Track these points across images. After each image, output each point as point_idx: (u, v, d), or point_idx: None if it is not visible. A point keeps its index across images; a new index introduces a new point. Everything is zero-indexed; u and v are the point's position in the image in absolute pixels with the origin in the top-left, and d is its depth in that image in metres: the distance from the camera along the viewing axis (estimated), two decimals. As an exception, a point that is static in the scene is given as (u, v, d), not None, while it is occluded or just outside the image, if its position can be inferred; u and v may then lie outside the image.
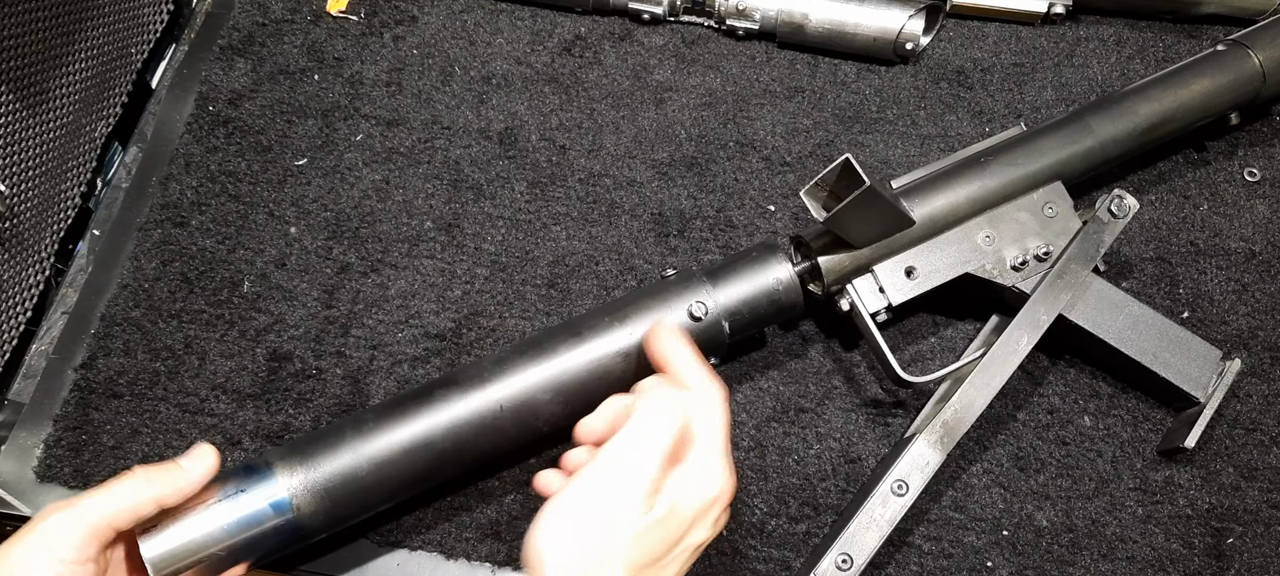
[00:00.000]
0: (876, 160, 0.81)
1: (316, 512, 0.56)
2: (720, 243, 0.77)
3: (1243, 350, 0.72)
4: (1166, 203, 0.79)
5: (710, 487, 0.51)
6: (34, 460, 0.67)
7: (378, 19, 0.89)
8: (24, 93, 0.70)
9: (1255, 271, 0.75)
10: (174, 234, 0.76)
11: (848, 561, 0.59)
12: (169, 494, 0.52)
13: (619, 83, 0.85)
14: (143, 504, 0.51)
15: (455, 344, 0.72)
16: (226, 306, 0.73)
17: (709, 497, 0.51)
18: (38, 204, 0.73)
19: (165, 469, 0.52)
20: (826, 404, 0.70)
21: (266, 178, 0.79)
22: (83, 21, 0.76)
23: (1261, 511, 0.66)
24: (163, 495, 0.51)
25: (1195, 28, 0.90)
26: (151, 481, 0.51)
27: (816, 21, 0.84)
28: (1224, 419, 0.69)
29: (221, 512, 0.54)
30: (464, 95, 0.85)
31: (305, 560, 0.63)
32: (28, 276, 0.72)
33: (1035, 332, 0.65)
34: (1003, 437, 0.68)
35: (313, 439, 0.57)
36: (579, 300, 0.74)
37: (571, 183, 0.80)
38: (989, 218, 0.68)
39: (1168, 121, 0.74)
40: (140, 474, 0.51)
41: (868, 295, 0.66)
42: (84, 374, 0.70)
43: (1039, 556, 0.64)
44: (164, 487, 0.51)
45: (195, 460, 0.53)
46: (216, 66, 0.86)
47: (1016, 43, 0.88)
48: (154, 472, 0.52)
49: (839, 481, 0.67)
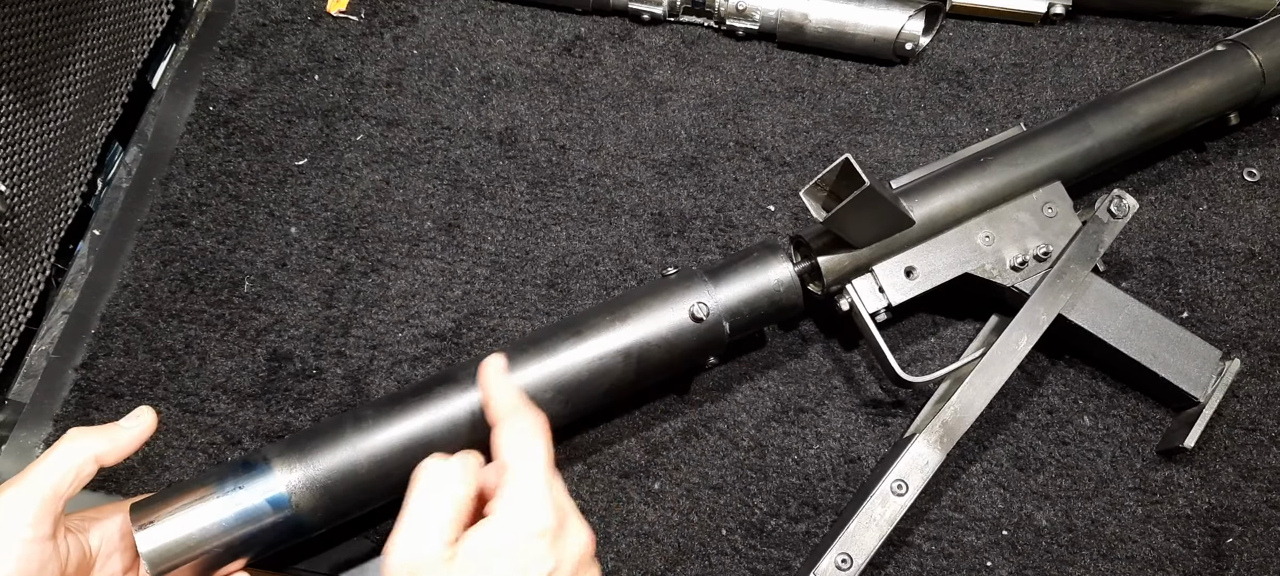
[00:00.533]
0: (876, 160, 0.81)
1: (315, 509, 0.56)
2: (720, 243, 0.77)
3: (1242, 350, 0.72)
4: (1166, 203, 0.79)
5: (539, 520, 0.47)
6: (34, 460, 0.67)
7: (378, 19, 0.89)
8: (24, 93, 0.70)
9: (1255, 271, 0.76)
10: (174, 234, 0.76)
11: (847, 561, 0.59)
12: (106, 450, 0.52)
13: (619, 83, 0.86)
14: (83, 463, 0.51)
15: (455, 344, 0.72)
16: (227, 306, 0.73)
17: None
18: (38, 204, 0.73)
19: (103, 429, 0.53)
20: (826, 404, 0.70)
21: (267, 178, 0.79)
22: (83, 21, 0.76)
23: (1261, 511, 0.66)
24: (100, 452, 0.52)
25: (1195, 28, 0.90)
26: (87, 438, 0.52)
27: (816, 22, 0.84)
28: (1223, 419, 0.69)
29: (219, 507, 0.53)
30: (464, 95, 0.85)
31: (302, 558, 0.63)
32: (28, 276, 0.73)
33: (1035, 332, 0.65)
34: (1002, 437, 0.68)
35: (311, 435, 0.57)
36: (579, 300, 0.74)
37: (571, 183, 0.80)
38: (989, 218, 0.68)
39: (1167, 122, 0.74)
40: (75, 433, 0.52)
41: (867, 295, 0.66)
42: (84, 374, 0.70)
43: (1039, 556, 0.64)
44: (100, 445, 0.52)
45: (133, 419, 0.54)
46: (217, 66, 0.86)
47: (1016, 43, 0.88)
48: (88, 431, 0.52)
49: (839, 481, 0.67)
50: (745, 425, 0.69)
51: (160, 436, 0.67)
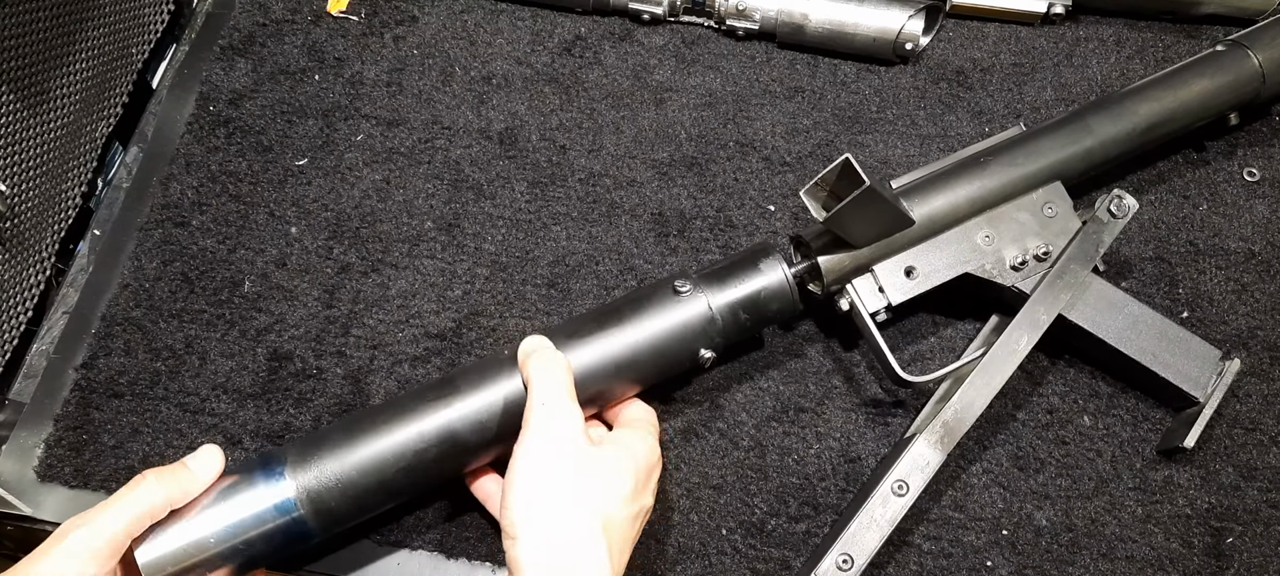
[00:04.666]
0: (876, 160, 0.82)
1: (319, 514, 0.56)
2: (720, 243, 0.77)
3: (1242, 350, 0.72)
4: (1166, 202, 0.79)
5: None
6: (35, 460, 0.67)
7: (378, 19, 0.89)
8: (25, 93, 0.70)
9: (1254, 271, 0.76)
10: (175, 234, 0.76)
11: (849, 561, 0.59)
12: (178, 496, 0.53)
13: (619, 83, 0.86)
14: (156, 509, 0.52)
15: (455, 343, 0.72)
16: (227, 306, 0.73)
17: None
18: (39, 204, 0.73)
19: (174, 472, 0.53)
20: (826, 404, 0.70)
21: (267, 178, 0.79)
22: (83, 21, 0.76)
23: (1261, 511, 0.66)
24: (172, 499, 0.53)
25: (1195, 28, 0.90)
26: (164, 485, 0.52)
27: (816, 22, 0.84)
28: (1223, 418, 0.69)
29: (221, 514, 0.54)
30: (464, 95, 0.85)
31: (307, 560, 0.63)
32: (29, 276, 0.73)
33: (1035, 332, 0.65)
34: (1002, 437, 0.69)
35: (316, 439, 0.57)
36: (579, 300, 0.74)
37: (571, 183, 0.80)
38: (989, 218, 0.68)
39: (1167, 122, 0.74)
40: (152, 479, 0.52)
41: (867, 295, 0.66)
42: (85, 373, 0.70)
43: (1038, 556, 0.64)
44: (174, 491, 0.53)
45: (202, 462, 0.55)
46: (217, 66, 0.86)
47: (1016, 43, 0.88)
48: (165, 477, 0.53)
49: (839, 481, 0.67)
50: (745, 425, 0.69)
51: (161, 436, 0.67)
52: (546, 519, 0.51)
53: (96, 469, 0.66)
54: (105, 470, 0.66)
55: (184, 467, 0.54)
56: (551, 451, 0.53)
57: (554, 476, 0.52)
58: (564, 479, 0.52)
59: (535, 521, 0.51)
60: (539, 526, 0.50)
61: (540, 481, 0.52)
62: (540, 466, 0.52)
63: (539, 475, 0.52)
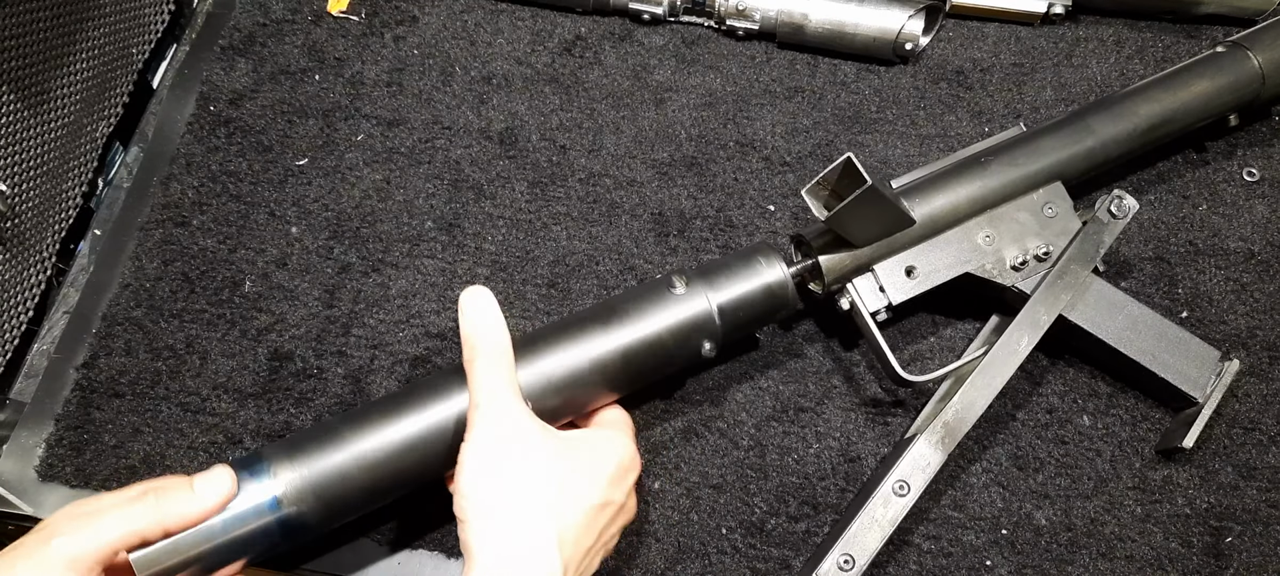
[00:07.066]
0: (876, 160, 0.82)
1: (313, 510, 0.55)
2: (720, 243, 0.77)
3: (1241, 350, 0.72)
4: (1166, 203, 0.79)
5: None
6: (36, 459, 0.67)
7: (378, 19, 0.89)
8: (25, 93, 0.70)
9: (1254, 271, 0.76)
10: (175, 234, 0.76)
11: (850, 561, 0.59)
12: (174, 522, 0.51)
13: (619, 83, 0.86)
14: (149, 530, 0.50)
15: (456, 343, 0.72)
16: (228, 306, 0.73)
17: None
18: (39, 203, 0.73)
19: (178, 492, 0.52)
20: (826, 403, 0.70)
21: (267, 177, 0.79)
22: (83, 21, 0.76)
23: (1260, 510, 0.66)
24: (169, 523, 0.51)
25: (1195, 28, 0.90)
26: (162, 508, 0.51)
27: (816, 22, 0.85)
28: (1222, 418, 0.69)
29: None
30: (464, 95, 0.85)
31: (306, 559, 0.63)
32: (29, 276, 0.73)
33: (1035, 333, 0.65)
34: (1002, 437, 0.69)
35: (306, 436, 0.57)
36: (579, 300, 0.74)
37: (572, 183, 0.80)
38: (989, 217, 0.69)
39: (1167, 122, 0.74)
40: (151, 500, 0.51)
41: (868, 294, 0.67)
42: (85, 373, 0.70)
43: (1038, 555, 0.64)
44: (170, 517, 0.51)
45: (211, 486, 0.53)
46: (217, 66, 0.86)
47: (1016, 43, 0.88)
48: (166, 498, 0.51)
49: (839, 480, 0.67)
50: (745, 424, 0.69)
51: (161, 436, 0.67)
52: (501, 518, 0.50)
53: (97, 468, 0.66)
54: (106, 470, 0.66)
55: (189, 489, 0.52)
56: (496, 452, 0.52)
57: (497, 472, 0.52)
58: (508, 475, 0.52)
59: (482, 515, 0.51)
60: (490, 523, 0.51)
61: (483, 477, 0.52)
62: (484, 464, 0.52)
63: (481, 472, 0.52)
